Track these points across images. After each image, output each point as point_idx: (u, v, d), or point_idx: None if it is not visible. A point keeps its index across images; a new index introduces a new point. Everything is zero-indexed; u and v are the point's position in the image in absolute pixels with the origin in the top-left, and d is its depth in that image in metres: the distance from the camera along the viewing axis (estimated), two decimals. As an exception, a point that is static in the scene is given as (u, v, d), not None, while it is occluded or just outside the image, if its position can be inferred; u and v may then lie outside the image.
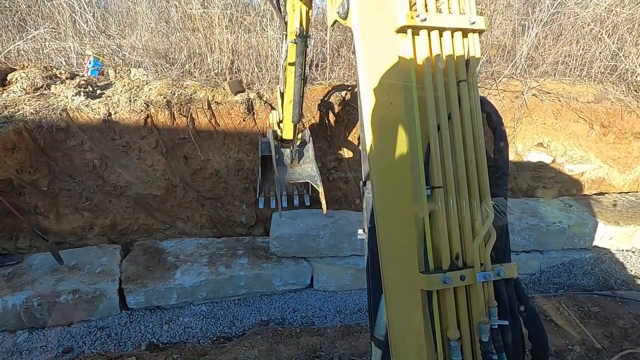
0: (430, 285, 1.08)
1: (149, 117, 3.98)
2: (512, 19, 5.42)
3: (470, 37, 1.16)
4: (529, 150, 5.03)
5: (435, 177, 1.10)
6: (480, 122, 1.16)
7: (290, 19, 2.65)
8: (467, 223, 1.12)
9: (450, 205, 1.11)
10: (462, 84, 1.14)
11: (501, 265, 1.16)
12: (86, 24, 4.89)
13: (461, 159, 1.12)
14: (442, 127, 1.10)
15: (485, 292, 1.13)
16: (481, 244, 1.13)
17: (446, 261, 1.10)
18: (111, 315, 3.27)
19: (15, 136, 3.65)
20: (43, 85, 4.10)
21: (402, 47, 1.10)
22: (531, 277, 4.16)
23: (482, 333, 1.11)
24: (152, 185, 4.10)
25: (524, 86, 4.87)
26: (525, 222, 4.09)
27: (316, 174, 3.41)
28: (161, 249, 3.90)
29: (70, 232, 4.01)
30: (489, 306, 1.13)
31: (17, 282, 3.25)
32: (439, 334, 1.11)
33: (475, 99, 1.15)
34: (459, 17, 1.13)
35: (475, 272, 1.10)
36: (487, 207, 1.13)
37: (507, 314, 1.16)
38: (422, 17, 1.07)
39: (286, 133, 3.47)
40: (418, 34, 1.11)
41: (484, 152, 1.15)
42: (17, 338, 3.03)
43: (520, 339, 1.21)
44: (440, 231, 1.10)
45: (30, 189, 3.80)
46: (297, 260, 3.77)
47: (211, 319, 3.38)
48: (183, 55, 4.72)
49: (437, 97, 1.11)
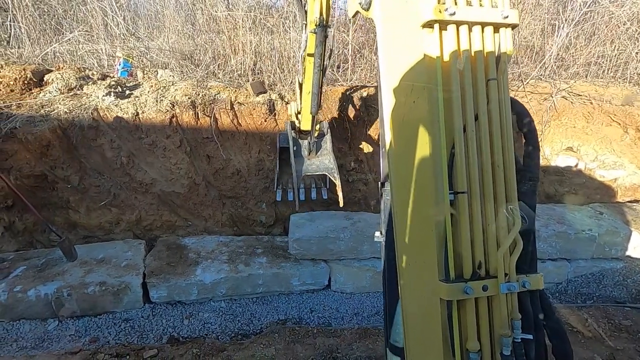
0: (451, 295, 1.03)
1: (174, 116, 4.09)
2: (541, 19, 5.25)
3: (502, 32, 1.09)
4: (557, 155, 4.84)
5: (460, 181, 1.04)
6: (509, 123, 1.09)
7: (311, 8, 2.61)
8: (491, 230, 1.06)
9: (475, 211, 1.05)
10: (491, 83, 1.07)
11: (527, 276, 1.09)
12: (117, 27, 5.09)
13: (488, 162, 1.06)
14: (468, 129, 1.04)
15: (508, 304, 1.08)
16: (506, 253, 1.07)
17: (468, 270, 1.05)
18: (135, 308, 3.38)
19: (50, 134, 3.84)
20: (76, 85, 4.30)
21: (428, 42, 1.04)
22: (557, 287, 4.00)
23: (504, 346, 1.05)
24: (175, 183, 4.21)
25: (553, 88, 4.69)
26: (552, 229, 3.94)
27: (334, 167, 3.37)
28: (183, 245, 4.00)
29: (99, 227, 4.18)
30: (512, 318, 1.08)
31: (49, 273, 3.41)
32: (457, 344, 1.06)
33: (505, 99, 1.08)
34: (491, 11, 1.05)
35: (499, 283, 1.05)
36: (514, 214, 1.07)
37: (531, 327, 1.10)
38: (450, 10, 1.00)
39: (304, 124, 3.44)
40: (446, 29, 1.04)
41: (512, 155, 1.09)
42: (48, 326, 3.18)
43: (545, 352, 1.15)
44: (462, 238, 1.05)
45: (63, 184, 3.99)
46: (315, 260, 3.78)
47: (230, 316, 3.44)
48: (208, 56, 4.83)
49: (464, 96, 1.04)
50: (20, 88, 4.28)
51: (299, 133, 3.61)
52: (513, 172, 1.09)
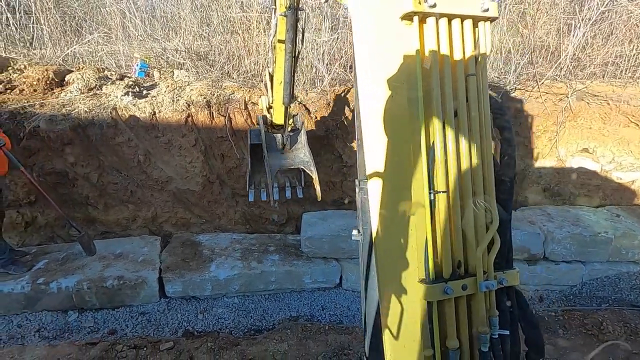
0: (431, 295, 1.01)
1: (189, 116, 4.18)
2: (556, 18, 5.18)
3: (481, 26, 1.04)
4: (572, 156, 4.78)
5: (440, 180, 1.01)
6: (488, 120, 1.05)
7: None
8: (470, 229, 1.04)
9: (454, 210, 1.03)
10: (470, 78, 1.03)
11: (504, 273, 1.10)
12: (135, 29, 5.22)
13: (467, 160, 1.03)
14: (448, 125, 1.01)
15: (487, 301, 1.08)
16: (484, 251, 1.05)
17: (448, 270, 1.03)
18: (151, 302, 3.47)
19: (71, 132, 3.97)
20: (96, 85, 4.43)
21: (407, 35, 0.98)
22: (572, 289, 3.96)
23: (482, 343, 1.06)
24: (190, 181, 4.30)
25: (568, 88, 4.63)
26: (566, 231, 3.90)
27: (310, 160, 3.14)
28: (197, 242, 4.08)
29: (116, 223, 4.30)
30: (490, 315, 1.08)
31: (70, 267, 3.53)
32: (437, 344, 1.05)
33: (484, 95, 1.05)
34: (470, 3, 1.00)
35: (478, 281, 1.04)
36: (492, 212, 1.05)
37: (507, 323, 1.12)
38: (430, 2, 0.96)
39: (276, 117, 3.22)
40: (425, 22, 0.99)
41: (491, 153, 1.07)
42: (69, 317, 3.29)
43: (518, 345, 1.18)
44: (442, 237, 1.02)
45: (82, 181, 4.12)
46: (327, 259, 3.82)
47: (243, 312, 3.50)
48: (222, 57, 4.91)
49: (443, 92, 1.00)
50: (43, 88, 4.43)
51: (271, 127, 3.36)
52: (492, 171, 1.07)
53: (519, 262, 3.91)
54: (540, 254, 3.89)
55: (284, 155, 3.24)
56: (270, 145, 3.19)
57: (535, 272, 3.90)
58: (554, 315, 3.52)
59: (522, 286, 3.96)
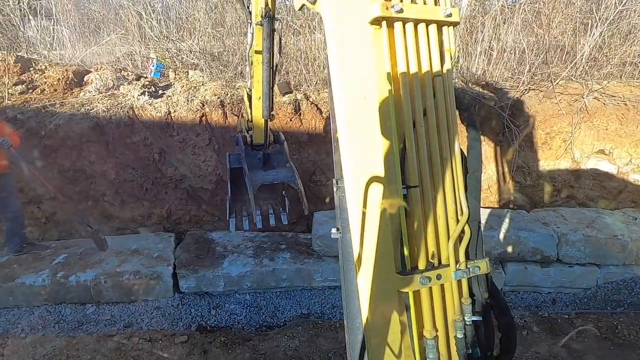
0: (407, 286, 1.06)
1: (203, 115, 4.26)
2: (572, 18, 5.11)
3: (445, 30, 1.12)
4: (587, 158, 4.70)
5: (412, 175, 1.07)
6: (455, 118, 1.13)
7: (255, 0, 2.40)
8: (442, 221, 1.11)
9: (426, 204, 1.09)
10: (437, 79, 1.10)
11: (475, 262, 1.16)
12: (151, 30, 5.33)
13: (437, 156, 1.10)
14: (418, 124, 1.08)
15: (460, 290, 1.15)
16: (456, 242, 1.13)
17: (423, 261, 1.09)
18: (165, 297, 3.55)
19: (90, 131, 4.08)
20: (113, 85, 4.55)
21: (376, 39, 1.05)
22: (586, 292, 3.90)
23: (458, 330, 1.12)
24: (204, 179, 4.38)
25: (584, 89, 4.57)
26: (581, 234, 3.84)
27: (293, 174, 2.91)
28: (210, 239, 4.15)
29: (132, 220, 4.40)
30: (463, 303, 1.15)
31: (88, 261, 3.63)
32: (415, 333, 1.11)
33: (450, 94, 1.12)
34: (434, 9, 1.08)
35: (452, 271, 1.11)
36: (462, 204, 1.13)
37: (480, 309, 1.18)
38: (397, 8, 1.02)
39: (257, 137, 3.02)
40: (392, 26, 1.06)
41: (458, 148, 1.14)
42: (87, 310, 3.40)
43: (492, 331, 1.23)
44: (416, 231, 1.08)
45: (100, 178, 4.23)
46: (337, 258, 3.84)
47: (255, 308, 3.55)
48: (236, 57, 4.99)
49: (412, 92, 1.07)
50: (63, 88, 4.57)
51: (252, 148, 3.13)
52: (459, 165, 1.14)
53: (532, 264, 3.87)
54: (554, 256, 3.85)
55: (266, 172, 3.00)
56: (252, 163, 2.97)
57: (548, 274, 3.86)
58: (567, 318, 3.48)
59: (535, 288, 3.92)
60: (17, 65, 4.64)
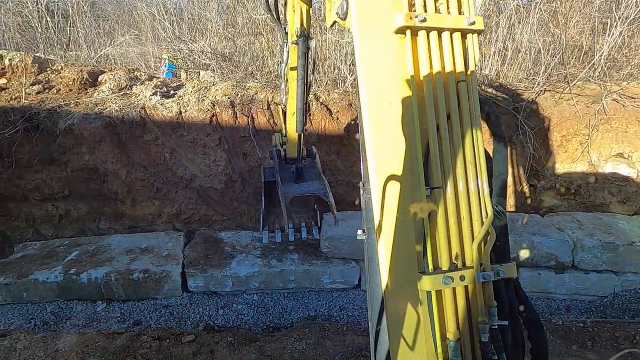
0: (430, 285, 1.09)
1: (214, 115, 4.28)
2: (591, 17, 4.97)
3: (469, 38, 1.16)
4: (605, 161, 4.56)
5: (435, 177, 1.11)
6: (479, 122, 1.16)
7: (291, 20, 2.58)
8: (466, 223, 1.13)
9: (450, 205, 1.12)
10: (460, 85, 1.14)
11: (500, 265, 1.16)
12: (164, 31, 5.39)
13: (460, 159, 1.13)
14: (441, 128, 1.12)
15: (485, 292, 1.14)
16: (481, 244, 1.13)
17: (445, 261, 1.12)
18: (174, 296, 3.58)
19: (103, 130, 4.14)
20: (126, 85, 4.61)
21: (401, 47, 1.12)
22: (602, 300, 3.78)
23: (482, 333, 1.11)
24: (213, 179, 4.40)
25: (602, 90, 4.43)
26: (597, 239, 3.72)
27: (325, 187, 3.04)
28: (219, 238, 4.17)
29: (142, 218, 4.45)
30: (488, 306, 1.14)
31: (99, 259, 3.69)
32: (438, 334, 1.12)
33: (474, 99, 1.15)
34: (458, 18, 1.13)
35: (475, 273, 1.11)
36: (486, 207, 1.14)
37: (506, 314, 1.16)
38: (420, 17, 1.08)
39: (290, 150, 3.18)
40: (417, 35, 1.11)
41: (482, 151, 1.15)
42: (97, 307, 3.45)
43: (520, 339, 1.21)
44: (439, 232, 1.11)
45: (112, 177, 4.29)
46: (346, 259, 3.82)
47: (262, 309, 3.55)
48: (247, 58, 5.01)
49: (435, 97, 1.12)
50: (78, 88, 4.66)
51: (285, 162, 3.31)
52: (484, 168, 1.15)
53: (546, 270, 3.77)
54: (569, 262, 3.74)
55: (298, 184, 3.16)
56: (285, 176, 3.13)
57: (562, 280, 3.75)
58: (582, 327, 3.37)
59: (549, 295, 3.82)
60: (35, 66, 4.75)
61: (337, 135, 4.35)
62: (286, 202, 2.91)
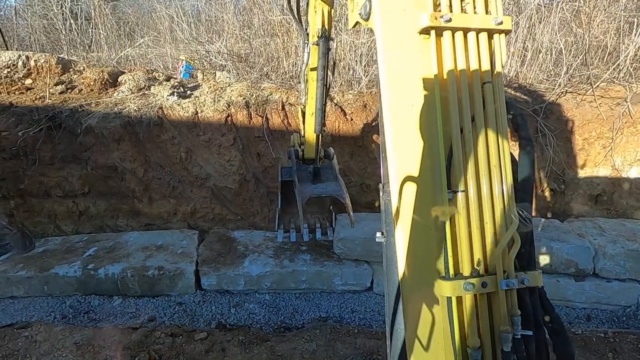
0: (450, 291, 1.05)
1: (229, 116, 4.33)
2: (616, 16, 4.80)
3: (496, 38, 1.13)
4: (630, 165, 4.40)
5: (458, 180, 1.07)
6: (505, 124, 1.11)
7: (312, 21, 2.56)
8: (489, 228, 1.08)
9: (473, 210, 1.08)
10: (486, 86, 1.11)
11: (525, 273, 1.11)
12: (181, 32, 5.49)
13: (485, 162, 1.09)
14: (465, 130, 1.08)
15: (508, 301, 1.09)
16: (504, 250, 1.08)
17: (467, 267, 1.08)
18: (187, 293, 3.63)
19: (122, 130, 4.24)
20: (145, 86, 4.71)
21: (425, 48, 1.09)
22: (625, 310, 3.63)
23: (504, 342, 1.06)
24: (228, 178, 4.45)
25: (627, 92, 4.27)
26: (620, 246, 3.59)
27: (342, 189, 3.03)
28: (232, 238, 4.21)
29: (158, 216, 4.54)
30: (512, 315, 1.09)
31: (116, 255, 3.78)
32: (457, 342, 1.08)
33: (501, 101, 1.11)
34: (484, 18, 1.10)
35: (498, 280, 1.06)
36: (511, 212, 1.09)
37: (531, 324, 1.11)
38: (446, 17, 1.05)
39: (308, 151, 3.18)
40: (442, 35, 1.08)
41: (508, 155, 1.11)
42: (114, 302, 3.53)
43: (545, 350, 1.15)
44: (461, 236, 1.08)
45: (130, 175, 4.39)
46: (358, 261, 3.79)
47: (273, 309, 3.56)
48: (262, 59, 5.04)
49: (460, 99, 1.09)
50: (98, 88, 4.79)
51: (302, 162, 3.31)
52: (509, 171, 1.11)
53: (565, 277, 3.66)
54: (590, 270, 3.61)
55: (315, 185, 3.13)
56: (302, 176, 3.13)
57: (582, 288, 3.63)
58: (603, 337, 3.25)
59: (568, 303, 3.70)
60: (58, 67, 4.90)
61: (351, 136, 4.33)
62: (302, 202, 2.91)
